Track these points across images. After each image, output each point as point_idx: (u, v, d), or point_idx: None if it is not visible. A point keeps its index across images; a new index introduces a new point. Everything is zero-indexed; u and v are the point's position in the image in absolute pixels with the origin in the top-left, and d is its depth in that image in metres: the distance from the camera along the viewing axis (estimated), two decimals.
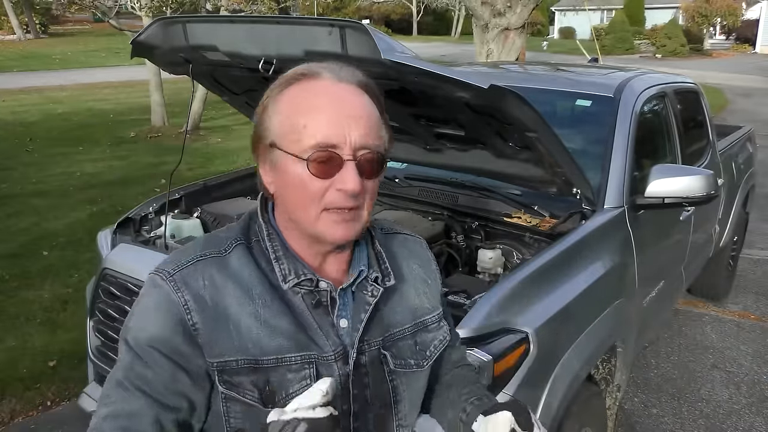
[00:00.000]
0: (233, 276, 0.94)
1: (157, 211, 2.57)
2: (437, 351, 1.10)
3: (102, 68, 19.42)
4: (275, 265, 0.96)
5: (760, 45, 31.02)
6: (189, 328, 0.91)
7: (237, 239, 0.98)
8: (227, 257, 0.95)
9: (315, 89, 0.92)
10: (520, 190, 2.50)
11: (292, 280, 0.95)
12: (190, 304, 0.91)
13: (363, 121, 0.91)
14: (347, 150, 0.89)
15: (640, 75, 3.20)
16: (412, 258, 1.13)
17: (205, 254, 0.95)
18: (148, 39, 2.16)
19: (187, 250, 0.98)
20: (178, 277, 0.93)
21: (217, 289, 0.93)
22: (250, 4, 10.63)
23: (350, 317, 0.98)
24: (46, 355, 3.44)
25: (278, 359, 0.92)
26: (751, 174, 4.57)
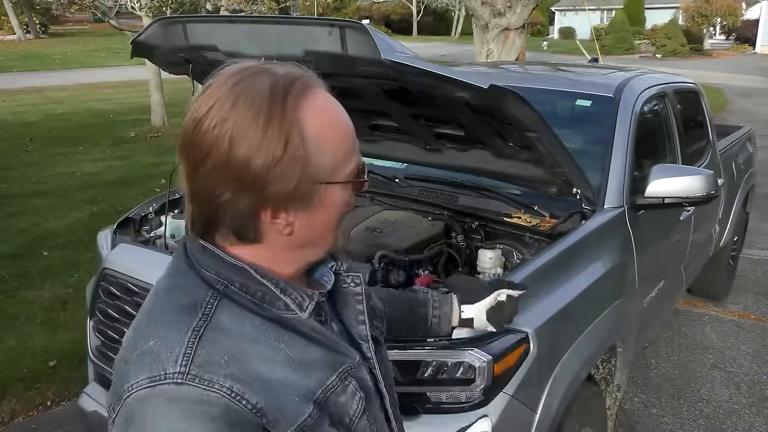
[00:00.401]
0: (240, 336, 0.77)
1: (157, 211, 2.57)
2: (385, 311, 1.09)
3: (102, 68, 19.43)
4: (284, 299, 0.82)
5: (760, 45, 31.02)
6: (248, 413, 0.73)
7: (212, 295, 0.79)
8: (216, 320, 0.77)
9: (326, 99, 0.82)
10: (520, 190, 2.50)
11: (309, 304, 0.84)
12: (235, 388, 0.73)
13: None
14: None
15: (640, 75, 3.20)
16: None
17: (197, 329, 0.75)
18: (148, 39, 2.16)
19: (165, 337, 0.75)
20: (195, 371, 0.72)
21: (239, 360, 0.75)
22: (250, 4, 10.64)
23: (335, 319, 0.92)
24: (46, 355, 3.44)
25: (324, 391, 0.82)
26: (751, 174, 4.57)
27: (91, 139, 9.53)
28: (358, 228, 2.34)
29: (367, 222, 2.38)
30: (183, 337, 0.74)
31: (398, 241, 2.25)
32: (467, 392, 1.68)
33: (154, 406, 0.71)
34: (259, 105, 0.74)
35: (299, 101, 0.77)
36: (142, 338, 0.77)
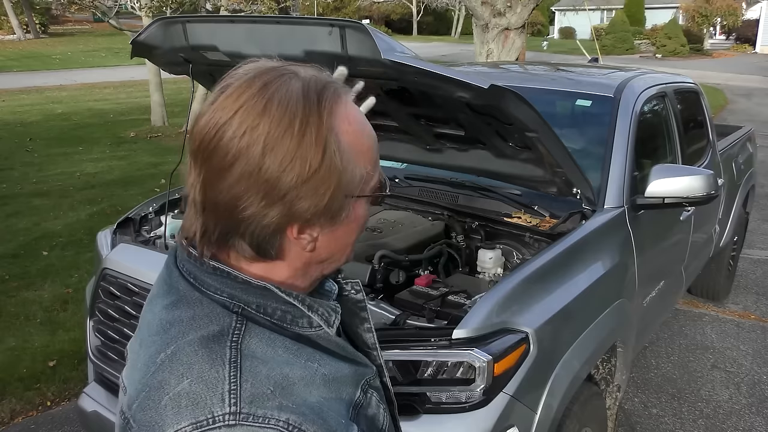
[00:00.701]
0: (276, 361, 0.70)
1: (157, 211, 2.57)
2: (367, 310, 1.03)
3: (102, 68, 19.44)
4: (313, 315, 0.76)
5: (760, 45, 31.02)
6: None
7: (236, 320, 0.72)
8: (247, 347, 0.70)
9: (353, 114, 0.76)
10: (520, 190, 2.51)
11: (335, 319, 0.79)
12: (291, 420, 0.66)
13: None
14: None
15: (640, 75, 3.20)
16: None
17: (233, 360, 0.68)
18: (148, 39, 2.16)
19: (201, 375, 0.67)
20: (247, 408, 0.65)
21: (283, 387, 0.69)
22: (250, 4, 10.63)
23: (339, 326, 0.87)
24: (46, 355, 3.44)
25: (355, 408, 0.76)
26: (751, 174, 4.57)
27: (91, 139, 9.53)
28: None
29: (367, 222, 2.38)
30: (222, 372, 0.66)
31: (398, 241, 2.25)
32: (467, 392, 1.68)
33: None
34: (294, 111, 0.68)
35: (333, 108, 0.71)
36: (173, 378, 0.67)
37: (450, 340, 1.67)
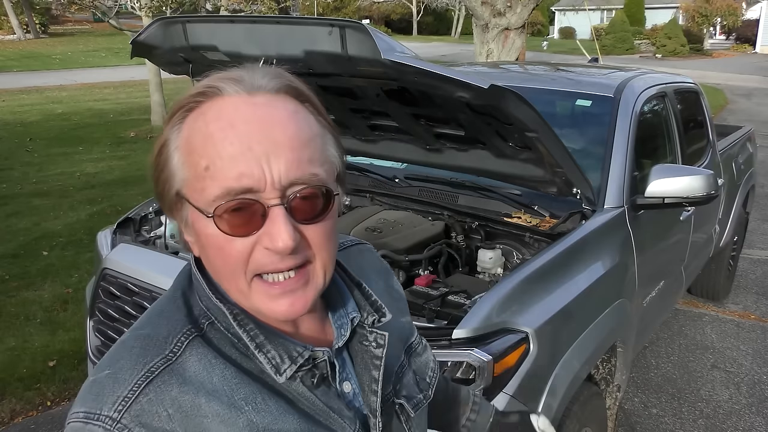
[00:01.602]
0: (201, 387, 0.66)
1: (157, 211, 2.57)
2: (435, 374, 0.91)
3: (102, 68, 19.44)
4: (260, 356, 0.70)
5: (760, 45, 31.01)
6: None
7: (185, 333, 0.69)
8: (181, 362, 0.67)
9: (217, 113, 0.65)
10: (520, 190, 2.50)
11: (288, 368, 0.70)
12: None
13: (291, 145, 0.65)
14: (270, 192, 0.64)
15: (640, 75, 3.20)
16: (375, 272, 0.90)
17: (152, 370, 0.66)
18: (148, 39, 2.16)
19: (117, 373, 0.66)
20: (128, 421, 0.63)
21: (189, 415, 0.65)
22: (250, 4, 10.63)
23: (353, 378, 0.77)
24: (46, 355, 3.44)
25: None
26: (751, 174, 4.57)
27: (91, 139, 9.53)
28: (358, 228, 2.34)
29: (367, 222, 2.38)
30: (132, 377, 0.65)
31: (398, 241, 2.25)
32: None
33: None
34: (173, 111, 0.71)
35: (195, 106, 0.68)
36: (106, 363, 0.68)
37: (450, 340, 1.67)
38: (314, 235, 0.68)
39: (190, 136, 0.66)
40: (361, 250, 0.93)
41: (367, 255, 0.92)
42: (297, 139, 0.66)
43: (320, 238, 0.68)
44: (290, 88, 0.69)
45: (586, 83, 3.04)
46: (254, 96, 0.66)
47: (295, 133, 0.66)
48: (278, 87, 0.68)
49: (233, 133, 0.64)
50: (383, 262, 0.94)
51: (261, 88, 0.67)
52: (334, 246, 0.71)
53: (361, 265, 0.87)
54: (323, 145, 0.70)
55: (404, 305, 0.92)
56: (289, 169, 0.64)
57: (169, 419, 0.64)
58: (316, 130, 0.69)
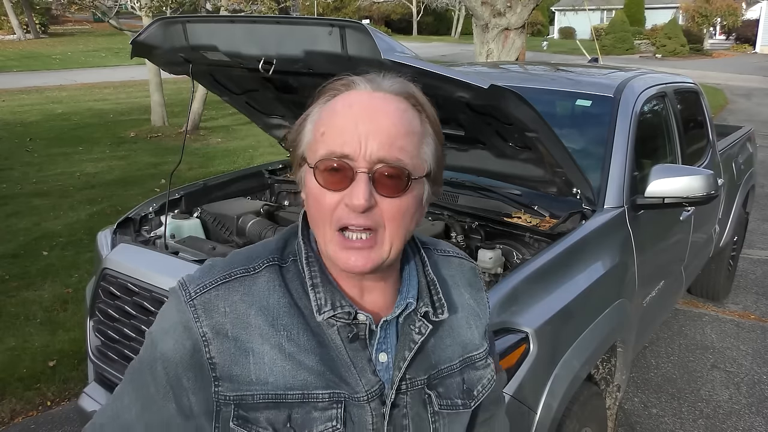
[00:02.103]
0: (258, 301, 0.85)
1: (157, 211, 2.57)
2: (485, 391, 0.99)
3: (102, 68, 19.44)
4: (311, 293, 0.86)
5: (760, 45, 31.02)
6: (205, 361, 0.83)
7: (270, 258, 0.88)
8: (255, 276, 0.86)
9: (347, 99, 0.83)
10: (520, 190, 2.50)
11: (327, 311, 0.85)
12: (208, 335, 0.83)
13: (388, 131, 0.80)
14: (361, 162, 0.79)
15: (640, 75, 3.20)
16: (465, 286, 1.01)
17: (231, 274, 0.86)
18: (148, 39, 2.16)
19: (215, 266, 0.89)
20: (198, 303, 0.84)
21: (239, 318, 0.84)
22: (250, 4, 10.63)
23: (392, 352, 0.89)
24: (46, 355, 3.44)
25: (304, 395, 0.84)
26: (751, 174, 4.58)
27: (91, 139, 9.53)
28: None
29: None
30: (220, 273, 0.86)
31: None
32: None
33: (173, 298, 0.87)
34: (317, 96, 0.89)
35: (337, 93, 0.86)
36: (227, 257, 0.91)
37: None
38: (388, 208, 0.81)
39: (322, 111, 0.84)
40: (463, 264, 1.04)
41: (465, 269, 1.04)
42: (395, 129, 0.81)
43: (392, 212, 0.82)
44: (408, 94, 0.85)
45: (586, 83, 3.04)
46: (376, 92, 0.84)
47: (395, 124, 0.81)
48: (398, 90, 0.85)
49: (349, 112, 0.81)
50: (479, 282, 1.05)
51: (384, 88, 0.84)
52: (404, 226, 0.84)
53: (454, 275, 1.01)
54: (418, 143, 0.84)
55: (481, 324, 1.01)
56: (381, 148, 0.80)
57: (224, 314, 0.84)
58: (416, 129, 0.84)
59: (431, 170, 0.86)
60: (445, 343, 0.94)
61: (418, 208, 0.86)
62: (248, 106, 2.71)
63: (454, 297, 0.98)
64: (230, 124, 10.75)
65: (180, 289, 0.87)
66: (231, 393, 0.83)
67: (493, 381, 1.01)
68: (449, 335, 0.95)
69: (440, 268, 0.99)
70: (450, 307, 0.95)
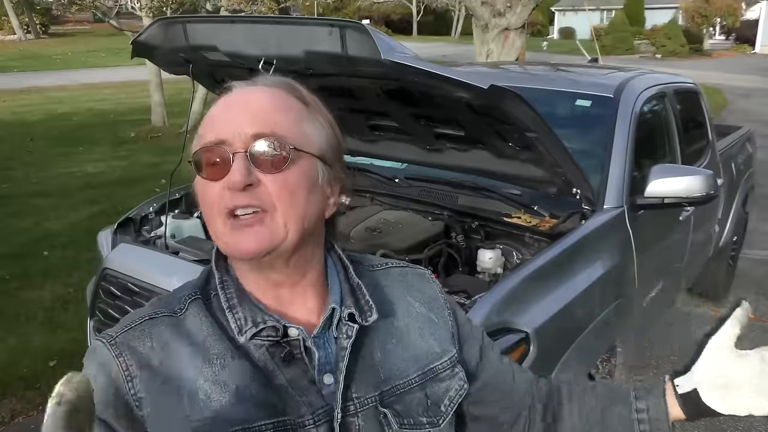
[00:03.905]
0: (187, 337, 0.79)
1: (158, 211, 2.57)
2: (453, 405, 0.90)
3: (102, 68, 19.43)
4: (229, 316, 0.80)
5: (759, 45, 31.01)
6: (129, 399, 0.76)
7: (192, 295, 0.83)
8: (182, 317, 0.81)
9: (222, 99, 0.81)
10: (520, 190, 2.51)
11: (249, 329, 0.78)
12: (132, 369, 0.76)
13: (261, 110, 0.78)
14: (237, 143, 0.76)
15: (640, 75, 3.20)
16: (412, 293, 0.93)
17: (156, 313, 0.81)
18: (148, 39, 2.16)
19: (138, 312, 0.83)
20: (120, 340, 0.78)
21: (168, 353, 0.78)
22: (250, 4, 10.62)
23: (333, 369, 0.81)
24: (47, 354, 3.44)
25: (246, 429, 0.76)
26: (750, 174, 4.58)
27: (91, 139, 9.53)
28: (358, 228, 2.34)
29: (367, 222, 2.39)
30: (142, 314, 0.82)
31: (398, 241, 2.25)
32: None
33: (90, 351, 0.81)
34: None
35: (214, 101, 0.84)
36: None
37: None
38: (273, 185, 0.76)
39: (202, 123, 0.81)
40: (406, 272, 0.97)
41: (410, 278, 0.96)
42: (268, 107, 0.79)
43: (278, 190, 0.77)
44: (287, 85, 0.83)
45: (585, 83, 3.04)
46: (251, 87, 0.82)
47: (268, 104, 0.79)
48: (275, 82, 0.83)
49: (224, 106, 0.80)
50: (436, 290, 0.97)
51: (260, 83, 0.83)
52: (298, 205, 0.78)
53: (392, 285, 0.93)
54: (296, 119, 0.80)
55: (441, 330, 0.93)
56: (253, 124, 0.77)
57: (151, 348, 0.78)
58: (293, 108, 0.81)
59: (323, 153, 0.81)
60: (395, 356, 0.86)
61: (312, 188, 0.80)
62: None
63: (396, 305, 0.90)
64: None
65: (99, 339, 0.80)
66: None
67: (463, 391, 0.92)
68: (398, 346, 0.87)
69: (374, 277, 0.92)
70: (390, 314, 0.88)
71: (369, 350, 0.85)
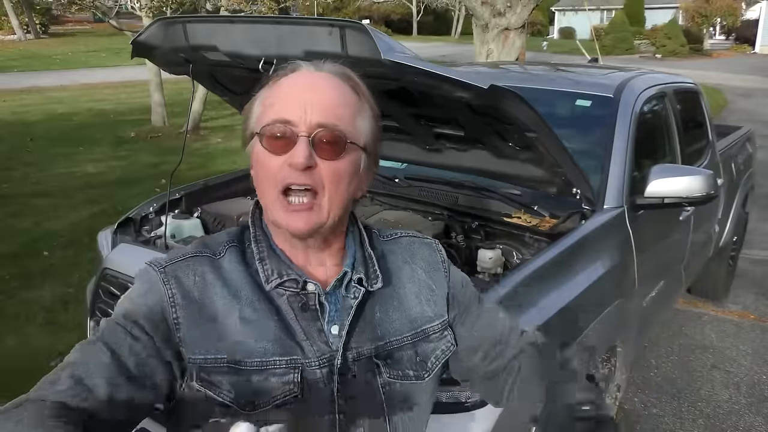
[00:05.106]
0: (223, 277, 0.93)
1: (158, 211, 2.57)
2: (439, 362, 1.03)
3: (102, 68, 19.41)
4: (259, 267, 0.94)
5: (759, 45, 31.01)
6: (171, 322, 0.90)
7: (231, 242, 0.97)
8: (220, 260, 0.95)
9: (292, 77, 0.93)
10: (520, 190, 2.51)
11: (275, 280, 0.93)
12: (176, 298, 0.91)
13: (327, 101, 0.90)
14: (303, 127, 0.88)
15: (640, 75, 3.21)
16: (417, 262, 1.06)
17: (200, 252, 0.95)
18: (148, 39, 2.16)
19: (183, 248, 0.98)
20: (169, 270, 0.93)
21: (206, 287, 0.92)
22: (250, 4, 10.62)
23: (340, 323, 0.95)
24: (47, 354, 3.44)
25: (263, 362, 0.90)
26: (750, 174, 4.58)
27: (91, 139, 9.53)
28: None
29: (367, 222, 2.38)
30: (188, 251, 0.96)
31: None
32: (467, 392, 1.68)
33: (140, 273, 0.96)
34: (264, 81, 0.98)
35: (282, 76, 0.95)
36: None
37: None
38: (327, 170, 0.89)
39: (270, 89, 0.94)
40: (413, 242, 1.09)
41: (416, 247, 1.08)
42: (333, 100, 0.90)
43: (330, 174, 0.89)
44: (346, 75, 0.94)
45: (585, 83, 3.04)
46: (318, 72, 0.93)
47: (332, 97, 0.90)
48: (336, 71, 0.94)
49: (294, 86, 0.91)
50: (439, 259, 1.08)
51: (324, 69, 0.93)
52: (342, 190, 0.91)
53: (401, 252, 1.06)
54: (353, 114, 0.92)
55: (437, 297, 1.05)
56: (320, 115, 0.88)
57: (193, 282, 0.92)
58: (351, 102, 0.93)
59: (367, 144, 0.95)
60: (393, 317, 1.00)
61: (354, 176, 0.93)
62: None
63: (401, 272, 1.03)
64: (230, 124, 10.74)
65: (149, 265, 0.95)
66: (194, 356, 0.89)
67: (449, 351, 1.05)
68: (397, 309, 1.00)
69: (384, 246, 1.05)
70: (395, 281, 1.01)
71: (371, 310, 0.98)
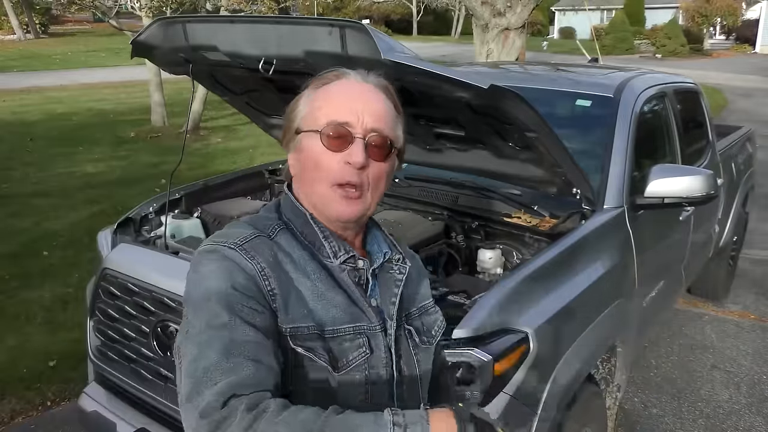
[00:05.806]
0: (287, 254, 1.02)
1: (157, 211, 2.57)
2: (440, 332, 1.21)
3: (102, 68, 19.41)
4: (325, 244, 1.05)
5: (760, 45, 31.00)
6: (266, 294, 0.96)
7: (279, 224, 1.06)
8: (275, 239, 1.03)
9: (343, 84, 1.05)
10: (520, 190, 2.51)
11: (342, 256, 1.05)
12: (266, 270, 0.97)
13: (377, 110, 1.03)
14: (359, 129, 1.00)
15: (640, 75, 3.20)
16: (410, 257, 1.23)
17: (259, 233, 1.02)
18: (148, 39, 2.16)
19: (235, 231, 1.03)
20: (248, 247, 0.99)
21: (279, 263, 1.00)
22: (250, 4, 10.62)
23: (378, 296, 1.08)
24: (47, 355, 3.44)
25: (335, 330, 1.00)
26: (750, 174, 4.58)
27: (91, 139, 9.53)
28: None
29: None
30: (248, 232, 1.02)
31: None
32: (467, 392, 1.68)
33: (208, 255, 0.99)
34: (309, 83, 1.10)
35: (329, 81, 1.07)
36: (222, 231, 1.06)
37: (450, 340, 1.67)
38: (373, 170, 1.03)
39: (317, 92, 1.06)
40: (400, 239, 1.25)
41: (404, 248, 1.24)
42: (381, 110, 1.05)
43: (376, 174, 1.04)
44: (385, 87, 1.09)
45: (586, 83, 3.04)
46: (365, 83, 1.06)
47: (380, 107, 1.05)
48: (379, 83, 1.08)
49: (348, 93, 1.04)
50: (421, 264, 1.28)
51: (370, 81, 1.07)
52: (381, 188, 1.06)
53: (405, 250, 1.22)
54: (395, 124, 1.07)
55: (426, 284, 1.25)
56: (373, 122, 1.02)
57: (269, 257, 0.99)
58: (392, 114, 1.07)
59: (401, 148, 1.10)
60: (409, 291, 1.15)
61: (390, 175, 1.08)
62: (249, 107, 2.71)
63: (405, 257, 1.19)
64: (230, 124, 10.74)
65: (215, 245, 0.99)
66: (288, 325, 0.97)
67: (443, 325, 1.23)
68: (410, 287, 1.16)
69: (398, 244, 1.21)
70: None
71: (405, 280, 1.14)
